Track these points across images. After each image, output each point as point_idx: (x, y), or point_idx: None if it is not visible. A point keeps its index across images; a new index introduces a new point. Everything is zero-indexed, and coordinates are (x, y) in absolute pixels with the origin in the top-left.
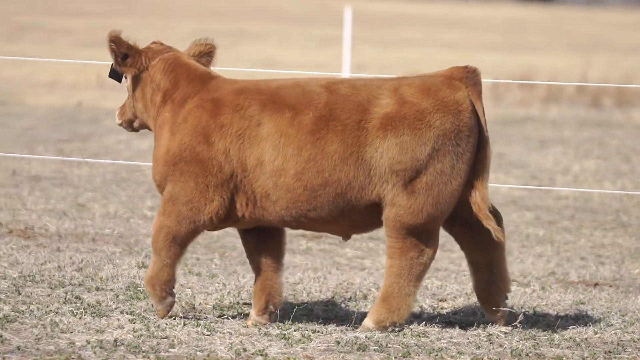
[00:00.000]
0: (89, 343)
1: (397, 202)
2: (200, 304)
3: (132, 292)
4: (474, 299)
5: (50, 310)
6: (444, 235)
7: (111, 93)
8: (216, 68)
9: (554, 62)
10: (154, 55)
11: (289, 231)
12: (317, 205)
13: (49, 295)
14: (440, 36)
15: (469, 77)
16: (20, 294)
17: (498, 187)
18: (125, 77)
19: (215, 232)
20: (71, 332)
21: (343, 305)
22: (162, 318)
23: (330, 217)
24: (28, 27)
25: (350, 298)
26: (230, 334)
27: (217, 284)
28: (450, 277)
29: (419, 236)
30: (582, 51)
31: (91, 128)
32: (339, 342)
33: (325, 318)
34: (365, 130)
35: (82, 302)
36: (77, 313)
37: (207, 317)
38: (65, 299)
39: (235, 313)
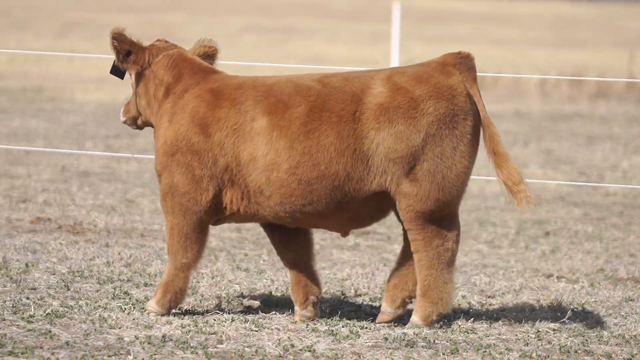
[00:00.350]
0: (137, 339)
1: (403, 191)
2: (248, 299)
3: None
4: (522, 296)
5: (99, 306)
6: (492, 232)
7: None
8: (265, 64)
9: (602, 58)
10: (158, 52)
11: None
12: (313, 199)
13: (97, 291)
14: (489, 32)
15: (463, 62)
16: (69, 290)
17: (546, 183)
18: (130, 75)
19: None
20: (119, 328)
21: None
22: (147, 313)
23: (327, 210)
24: (77, 23)
25: None
26: (279, 329)
27: (265, 280)
28: (498, 273)
29: (438, 223)
30: (631, 47)
31: None
32: (386, 339)
33: (373, 314)
34: (360, 122)
35: (130, 298)
36: (125, 309)
37: (255, 313)
38: (113, 294)
39: (284, 309)
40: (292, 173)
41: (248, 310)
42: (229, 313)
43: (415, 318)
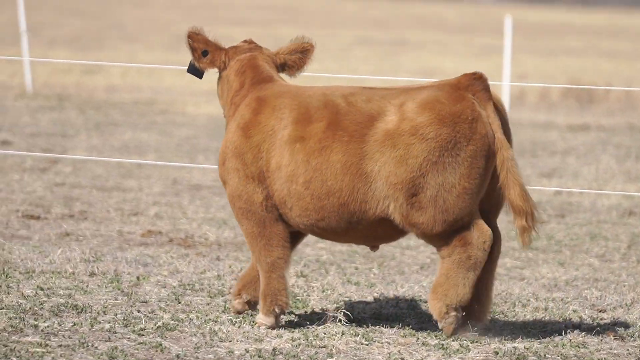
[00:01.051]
0: (247, 352)
1: (411, 222)
2: (358, 313)
3: (292, 301)
4: (633, 310)
5: (210, 319)
6: (603, 246)
7: None
8: (376, 77)
9: None
10: (234, 55)
11: None
12: (325, 215)
13: (208, 304)
14: (600, 45)
15: (476, 84)
16: (179, 303)
17: None
18: (201, 78)
19: None
20: (230, 341)
21: (501, 315)
22: (259, 327)
23: (339, 228)
24: None
25: (509, 308)
26: (389, 343)
27: (375, 294)
28: (609, 287)
29: (456, 236)
30: None
31: None
32: (497, 353)
33: (484, 328)
34: (368, 144)
35: (232, 311)
36: (236, 322)
37: (365, 327)
38: (224, 307)
39: (394, 323)
40: (306, 187)
41: (358, 323)
42: (339, 326)
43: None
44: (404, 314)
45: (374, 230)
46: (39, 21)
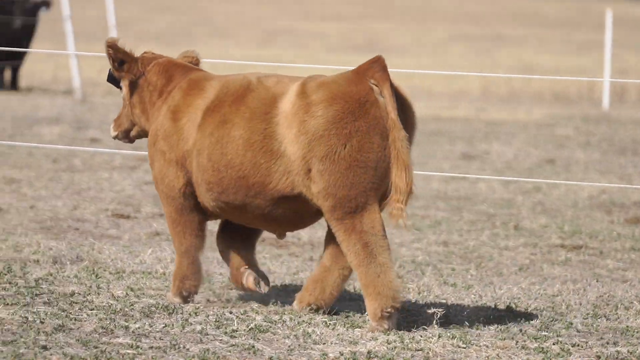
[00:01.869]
0: (342, 355)
1: (312, 194)
2: (455, 315)
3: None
4: None
5: (303, 321)
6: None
7: None
8: (473, 74)
9: None
10: (149, 61)
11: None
12: (224, 187)
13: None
14: None
15: (374, 67)
16: (272, 304)
17: None
18: (121, 87)
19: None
20: (324, 344)
21: (604, 318)
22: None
23: (238, 202)
24: (280, 31)
25: (612, 311)
26: (487, 346)
27: (472, 296)
28: None
29: (349, 220)
30: None
31: None
32: (599, 357)
33: (585, 332)
34: (270, 123)
35: (335, 313)
36: (330, 324)
37: (462, 329)
38: (318, 309)
39: (492, 325)
40: (209, 159)
41: (455, 326)
42: (435, 329)
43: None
44: (502, 316)
45: (272, 209)
46: (128, 16)
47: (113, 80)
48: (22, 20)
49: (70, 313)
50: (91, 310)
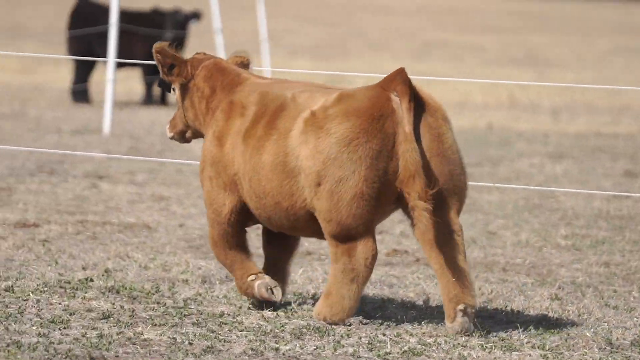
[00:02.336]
0: None
1: (316, 209)
2: (617, 339)
3: (544, 326)
4: None
5: (459, 344)
6: None
7: (524, 114)
8: (638, 88)
9: None
10: (198, 63)
11: None
12: (268, 213)
13: None
14: None
15: (396, 79)
16: (426, 326)
17: None
18: (173, 90)
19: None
20: None
21: None
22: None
23: (286, 224)
24: (436, 44)
25: None
26: None
27: (635, 318)
28: None
29: (346, 243)
30: None
31: (502, 151)
32: None
33: None
34: (292, 139)
35: (491, 335)
36: (486, 347)
37: (625, 353)
38: (473, 332)
39: None
40: (250, 185)
41: (615, 350)
42: (595, 352)
43: (315, 310)
44: None
45: (314, 224)
46: (280, 29)
47: (164, 84)
48: (173, 33)
49: (220, 334)
50: (241, 331)
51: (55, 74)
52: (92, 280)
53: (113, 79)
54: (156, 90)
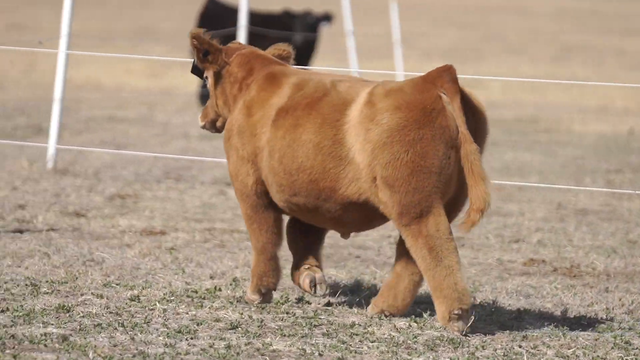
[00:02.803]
0: None
1: (380, 202)
2: None
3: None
4: None
5: (598, 356)
6: None
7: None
8: None
9: None
10: (233, 52)
11: None
12: (296, 191)
13: (596, 340)
14: None
15: (444, 76)
16: (564, 338)
17: None
18: (206, 78)
19: None
20: None
21: None
22: (249, 303)
23: (310, 205)
24: (577, 47)
25: None
26: None
27: None
28: None
29: (415, 227)
30: None
31: None
32: None
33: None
34: (340, 130)
35: (632, 348)
36: (626, 359)
37: None
38: (613, 344)
39: None
40: (280, 162)
41: None
42: None
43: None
44: None
45: (342, 213)
46: (414, 32)
47: (197, 71)
48: (303, 36)
49: (350, 345)
50: (372, 342)
51: (184, 78)
52: (219, 289)
53: None
54: None
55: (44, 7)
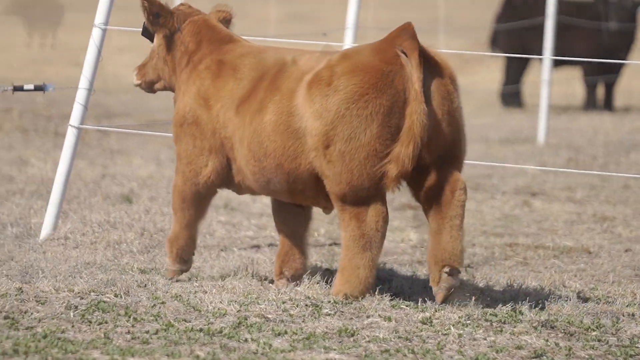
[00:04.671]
0: None
1: (323, 172)
2: None
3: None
4: None
5: None
6: None
7: None
8: None
9: None
10: (185, 17)
11: None
12: (268, 176)
13: None
14: None
15: (403, 34)
16: None
17: None
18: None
19: None
20: None
21: None
22: (169, 279)
23: (283, 188)
24: None
25: None
26: None
27: None
28: None
29: (353, 208)
30: None
31: None
32: None
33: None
34: (295, 99)
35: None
36: None
37: None
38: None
39: None
40: (249, 149)
41: None
42: None
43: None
44: None
45: (319, 191)
46: None
47: (147, 34)
48: (618, 25)
49: None
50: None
51: (484, 74)
52: (521, 312)
53: (549, 80)
54: (599, 93)
55: None
